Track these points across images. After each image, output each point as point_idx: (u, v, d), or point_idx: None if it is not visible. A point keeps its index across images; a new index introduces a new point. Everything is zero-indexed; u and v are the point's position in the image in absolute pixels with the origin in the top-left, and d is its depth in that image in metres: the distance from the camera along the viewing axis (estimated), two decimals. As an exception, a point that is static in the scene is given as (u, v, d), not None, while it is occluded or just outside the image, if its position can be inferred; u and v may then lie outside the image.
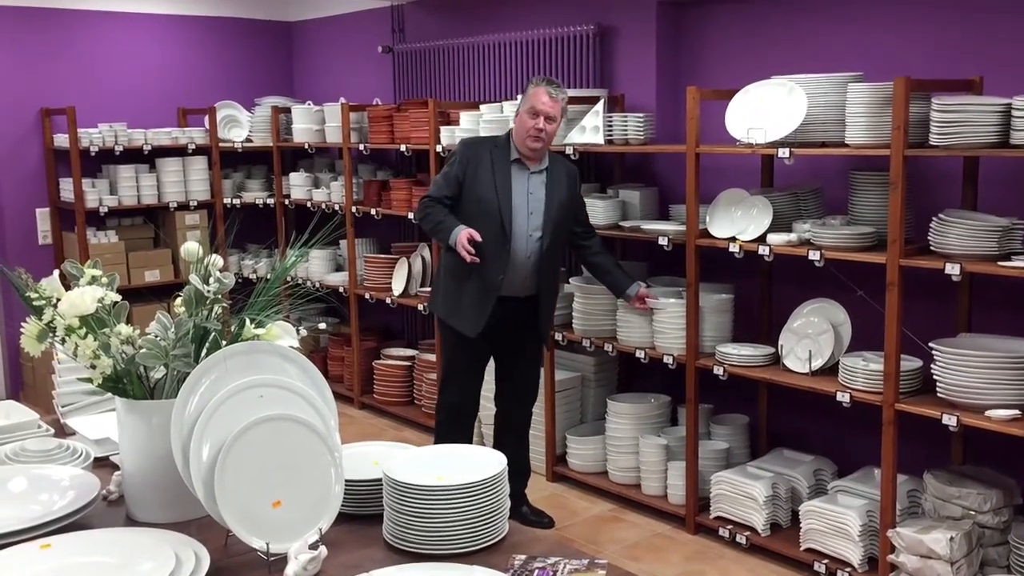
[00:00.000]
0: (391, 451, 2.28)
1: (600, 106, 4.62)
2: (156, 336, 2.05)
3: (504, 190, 3.96)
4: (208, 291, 2.19)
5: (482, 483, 1.92)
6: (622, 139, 4.59)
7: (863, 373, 3.69)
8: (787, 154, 3.76)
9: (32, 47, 6.32)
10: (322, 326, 2.79)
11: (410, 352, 6.22)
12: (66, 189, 6.29)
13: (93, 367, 2.05)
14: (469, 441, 4.34)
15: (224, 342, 2.23)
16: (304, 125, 6.38)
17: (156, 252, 6.49)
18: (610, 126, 4.62)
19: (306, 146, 6.36)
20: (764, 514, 4.05)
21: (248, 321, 2.37)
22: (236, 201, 6.84)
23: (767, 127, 3.84)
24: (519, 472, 4.38)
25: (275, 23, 7.39)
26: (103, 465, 2.38)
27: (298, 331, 2.75)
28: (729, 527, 4.17)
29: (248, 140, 6.88)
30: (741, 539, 4.11)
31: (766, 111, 3.91)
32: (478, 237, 3.84)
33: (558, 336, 4.83)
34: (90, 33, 6.56)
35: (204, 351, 2.13)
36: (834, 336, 3.93)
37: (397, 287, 5.86)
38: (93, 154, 6.25)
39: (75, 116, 6.07)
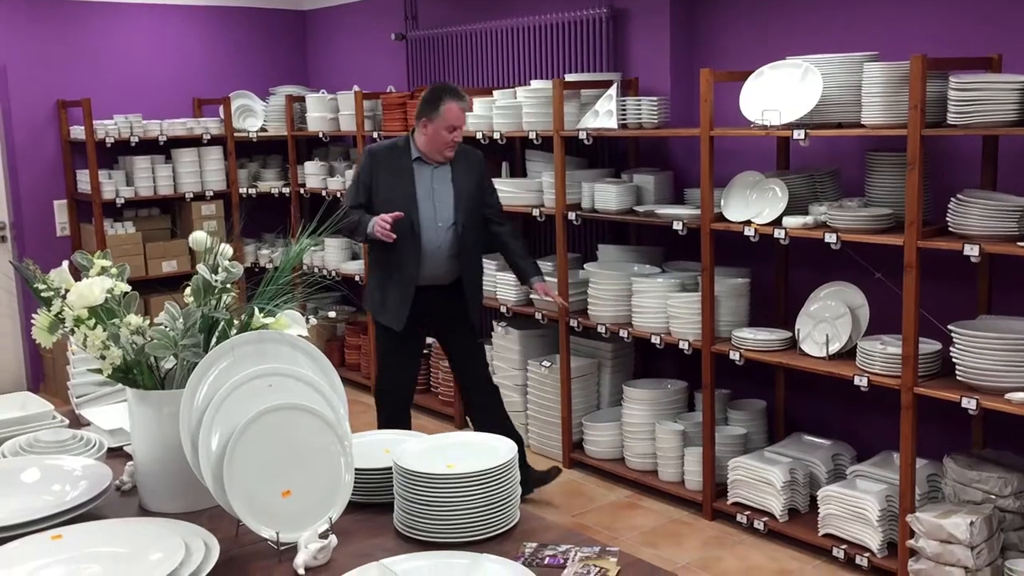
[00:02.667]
0: (403, 439, 2.27)
1: (613, 90, 4.59)
2: (165, 326, 2.05)
3: (407, 187, 4.17)
4: (216, 281, 2.19)
5: (492, 471, 1.91)
6: (636, 123, 4.55)
7: (881, 357, 3.65)
8: (802, 135, 3.72)
9: (48, 39, 6.34)
10: (331, 315, 2.77)
11: (427, 340, 6.20)
12: (83, 181, 6.32)
13: (103, 358, 2.05)
14: (407, 426, 4.46)
15: (234, 331, 2.23)
16: (318, 114, 6.37)
17: (173, 243, 6.51)
18: (623, 110, 4.58)
19: (320, 135, 6.35)
20: (782, 499, 4.03)
21: (257, 310, 2.37)
22: (252, 191, 6.86)
23: (782, 109, 3.80)
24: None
25: (289, 12, 7.38)
26: (117, 455, 2.39)
27: (308, 320, 2.75)
28: (747, 513, 4.14)
29: (263, 130, 6.89)
30: (759, 525, 4.09)
31: (781, 93, 3.87)
32: (389, 217, 4.02)
33: (573, 323, 4.81)
34: (105, 24, 6.57)
35: (214, 341, 2.12)
36: (852, 319, 3.89)
37: (412, 275, 5.85)
38: (109, 146, 6.27)
39: (90, 108, 6.09)
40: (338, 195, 6.29)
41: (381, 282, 4.27)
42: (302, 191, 6.66)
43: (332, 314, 2.89)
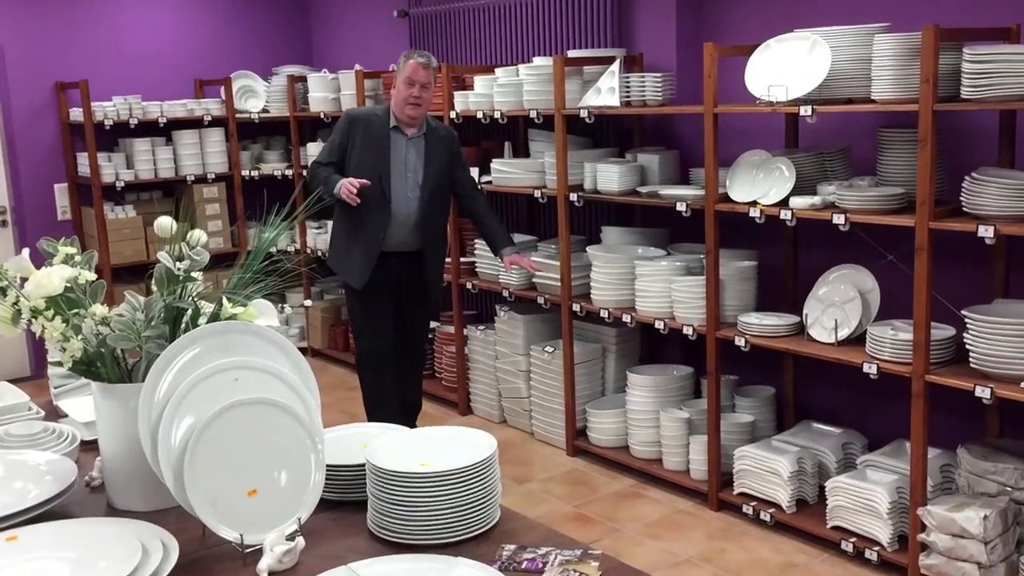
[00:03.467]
0: (382, 433, 2.17)
1: (616, 66, 4.44)
2: (127, 317, 1.95)
3: (382, 155, 4.29)
4: (179, 269, 2.09)
5: (468, 469, 1.80)
6: (639, 100, 4.41)
7: (891, 343, 3.52)
8: (809, 112, 3.57)
9: (46, 18, 6.24)
10: (307, 303, 2.62)
11: (431, 325, 6.11)
12: (83, 164, 6.24)
13: (63, 350, 1.96)
14: (393, 388, 4.59)
15: (203, 321, 2.14)
16: (320, 94, 6.26)
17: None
18: (627, 87, 4.44)
19: (322, 115, 6.24)
20: (789, 490, 3.91)
21: (226, 300, 2.27)
22: (255, 173, 6.75)
23: (789, 84, 3.65)
24: (413, 407, 4.75)
25: (290, -10, 7.27)
26: (92, 448, 2.30)
27: (281, 309, 2.64)
28: (753, 504, 4.03)
29: (265, 111, 6.78)
30: (765, 516, 3.97)
31: (788, 67, 3.72)
32: (356, 183, 4.12)
33: (576, 307, 4.69)
34: (106, 3, 6.47)
35: (180, 332, 2.03)
36: (862, 304, 3.76)
37: (415, 258, 5.75)
38: (108, 128, 6.18)
39: (88, 89, 6.00)
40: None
41: (347, 241, 4.40)
42: (305, 173, 6.53)
43: (308, 303, 2.70)
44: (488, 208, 4.66)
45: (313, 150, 6.46)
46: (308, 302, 2.60)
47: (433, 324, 6.09)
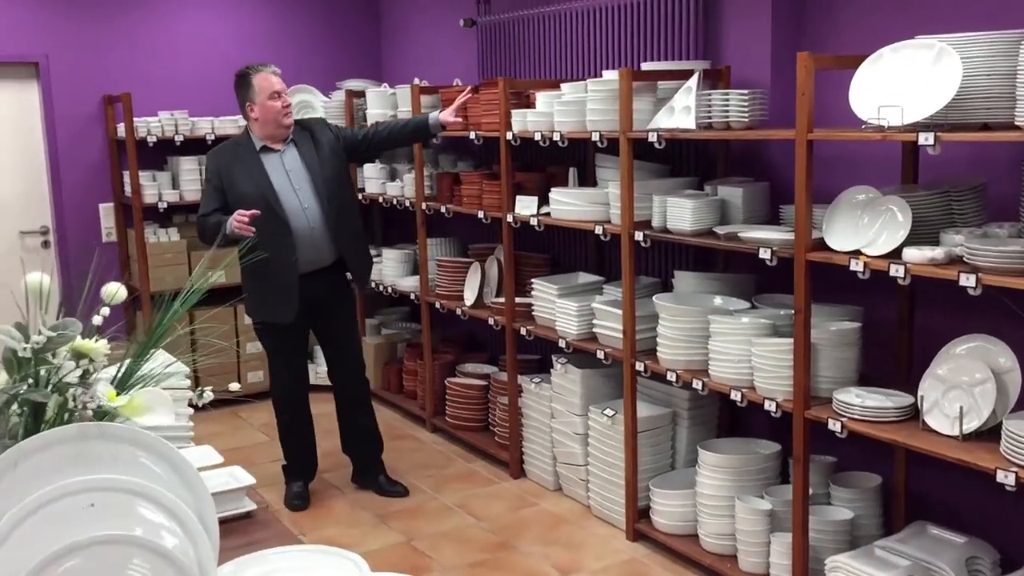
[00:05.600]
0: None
1: (693, 81, 3.70)
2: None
3: (262, 179, 4.18)
4: (25, 349, 1.55)
5: None
6: (722, 122, 3.65)
7: (1037, 445, 2.66)
8: (930, 140, 2.75)
9: (94, 28, 5.88)
10: (234, 387, 1.92)
11: (487, 369, 5.46)
12: (129, 183, 5.85)
13: None
14: (310, 425, 4.58)
15: (79, 413, 1.60)
16: (379, 110, 5.70)
17: (221, 251, 5.94)
18: (708, 106, 3.69)
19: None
20: (894, 618, 3.07)
21: (109, 387, 1.73)
22: (311, 195, 6.24)
23: (905, 104, 2.85)
24: (371, 440, 4.67)
25: (362, -2, 6.77)
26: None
27: (201, 394, 2.06)
28: (847, 629, 3.20)
29: (324, 128, 6.26)
30: (862, 648, 3.14)
31: (905, 82, 2.92)
32: (247, 214, 3.97)
33: (639, 366, 3.94)
34: (159, 12, 6.08)
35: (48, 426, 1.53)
36: (996, 387, 2.91)
37: (469, 296, 5.11)
38: (151, 144, 5.78)
39: (131, 103, 5.60)
40: (395, 201, 5.63)
41: (260, 280, 4.21)
42: (360, 197, 5.98)
43: (235, 387, 2.00)
44: (389, 121, 4.61)
45: (370, 172, 5.93)
46: (235, 386, 2.00)
47: (489, 369, 5.46)
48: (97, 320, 1.76)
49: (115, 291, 1.80)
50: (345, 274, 4.43)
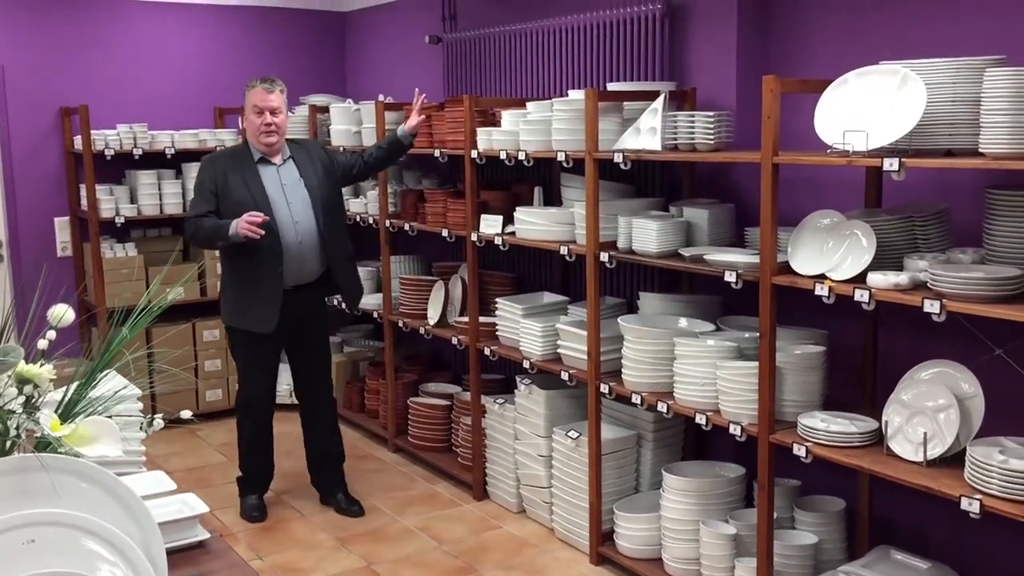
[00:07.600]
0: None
1: (659, 103, 3.68)
2: None
3: (258, 189, 4.19)
4: None
5: None
6: (688, 144, 3.64)
7: (1000, 471, 2.66)
8: (895, 166, 2.75)
9: (53, 38, 5.76)
10: (186, 414, 1.84)
11: (450, 389, 5.40)
12: (85, 197, 5.73)
13: None
14: (270, 439, 4.56)
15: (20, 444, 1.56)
16: (343, 126, 5.64)
17: (179, 267, 5.84)
18: (674, 128, 3.68)
19: (341, 149, 5.61)
20: (858, 645, 3.05)
21: (51, 416, 1.67)
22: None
23: (870, 129, 2.85)
24: (333, 457, 4.66)
25: (327, 13, 6.70)
26: None
27: (151, 423, 1.99)
28: (811, 656, 3.18)
29: (287, 143, 6.18)
30: (826, 676, 3.12)
31: (870, 108, 2.92)
32: (258, 217, 3.98)
33: (604, 388, 3.91)
34: (121, 24, 5.98)
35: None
36: (960, 413, 2.90)
37: (432, 315, 5.05)
38: (109, 158, 5.66)
39: (87, 115, 5.49)
40: (358, 218, 5.57)
41: (243, 288, 4.22)
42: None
43: (187, 414, 1.94)
44: (369, 147, 4.69)
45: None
46: (187, 413, 1.93)
47: (453, 389, 5.41)
48: (43, 344, 1.70)
49: (62, 313, 1.76)
50: (324, 293, 4.47)
